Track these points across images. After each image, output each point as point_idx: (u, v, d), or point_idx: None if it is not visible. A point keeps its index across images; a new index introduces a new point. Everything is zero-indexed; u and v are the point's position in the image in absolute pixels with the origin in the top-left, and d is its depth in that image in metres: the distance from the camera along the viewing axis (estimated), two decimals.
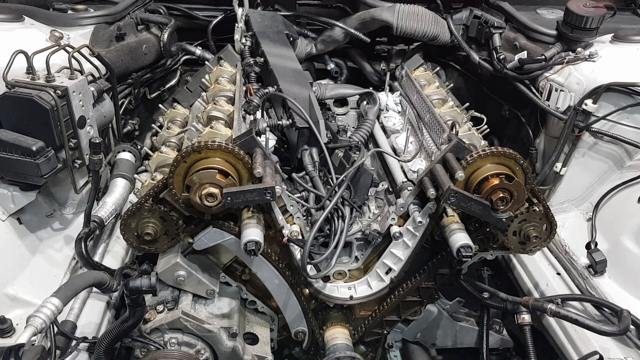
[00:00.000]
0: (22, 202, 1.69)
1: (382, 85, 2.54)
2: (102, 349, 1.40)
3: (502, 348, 1.92)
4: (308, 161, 1.84)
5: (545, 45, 2.15)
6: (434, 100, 2.05)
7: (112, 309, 1.64)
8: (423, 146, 1.93)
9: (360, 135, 2.01)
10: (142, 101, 2.40)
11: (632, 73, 1.92)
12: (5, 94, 1.57)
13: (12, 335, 1.33)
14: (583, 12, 1.99)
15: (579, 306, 1.73)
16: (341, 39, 2.48)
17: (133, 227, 1.57)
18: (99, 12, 2.12)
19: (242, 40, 2.29)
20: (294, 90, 2.00)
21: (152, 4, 2.42)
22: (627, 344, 1.60)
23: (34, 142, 1.56)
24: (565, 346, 1.66)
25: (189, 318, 1.57)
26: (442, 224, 1.57)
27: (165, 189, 1.52)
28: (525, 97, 2.18)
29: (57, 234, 1.79)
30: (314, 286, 1.71)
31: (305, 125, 1.85)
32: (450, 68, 2.70)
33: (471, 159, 1.51)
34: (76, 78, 1.66)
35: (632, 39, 2.05)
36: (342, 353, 1.67)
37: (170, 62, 2.53)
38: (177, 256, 1.62)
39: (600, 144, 2.03)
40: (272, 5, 2.57)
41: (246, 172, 1.48)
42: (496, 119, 2.37)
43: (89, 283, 1.44)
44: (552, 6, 2.48)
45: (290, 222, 1.63)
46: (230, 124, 1.74)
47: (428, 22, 2.34)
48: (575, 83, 2.00)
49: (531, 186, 1.56)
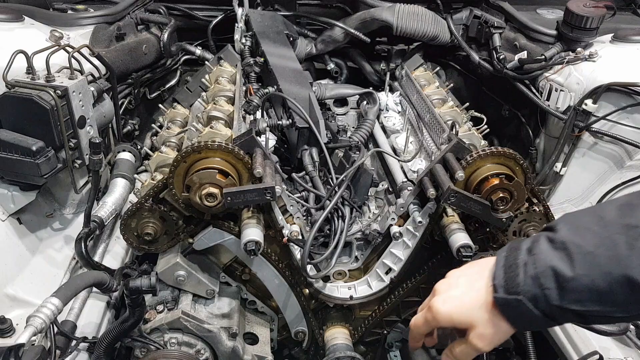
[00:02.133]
0: (22, 202, 1.69)
1: (382, 85, 2.54)
2: (102, 349, 1.40)
3: (502, 348, 1.91)
4: (308, 161, 1.84)
5: (545, 45, 2.14)
6: (434, 100, 2.05)
7: (112, 309, 1.64)
8: (423, 146, 1.93)
9: (360, 135, 2.01)
10: (142, 101, 2.40)
11: (632, 73, 1.92)
12: (5, 94, 1.57)
13: (12, 335, 1.33)
14: (583, 12, 1.99)
15: None
16: (341, 39, 2.48)
17: (133, 227, 1.57)
18: (99, 12, 2.12)
19: (242, 40, 2.28)
20: (294, 90, 2.00)
21: (152, 4, 2.42)
22: (627, 344, 1.60)
23: (34, 142, 1.56)
24: (565, 346, 1.66)
25: (189, 318, 1.57)
26: (442, 224, 1.57)
27: (165, 189, 1.52)
28: (525, 97, 2.18)
29: (57, 234, 1.79)
30: (314, 286, 1.71)
31: (305, 125, 1.85)
32: (450, 68, 2.70)
33: (471, 159, 1.51)
34: (76, 78, 1.66)
35: (632, 39, 2.04)
36: (342, 353, 1.67)
37: (170, 62, 2.52)
38: (177, 256, 1.62)
39: (600, 144, 2.03)
40: (272, 5, 2.57)
41: (246, 172, 1.48)
42: (496, 119, 2.37)
43: (89, 283, 1.44)
44: (552, 6, 2.48)
45: (290, 222, 1.63)
46: (230, 124, 1.74)
47: (428, 22, 2.34)
48: (575, 83, 2.00)
49: (531, 186, 1.56)
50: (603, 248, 0.82)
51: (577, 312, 0.86)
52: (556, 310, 0.87)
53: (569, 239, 0.85)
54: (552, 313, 0.87)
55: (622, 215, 0.84)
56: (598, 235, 0.83)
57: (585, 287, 0.83)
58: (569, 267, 0.83)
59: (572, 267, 0.83)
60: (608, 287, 0.81)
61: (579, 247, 0.84)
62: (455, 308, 0.97)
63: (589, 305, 0.85)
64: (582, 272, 0.82)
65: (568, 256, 0.84)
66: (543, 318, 0.88)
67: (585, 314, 0.86)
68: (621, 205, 0.86)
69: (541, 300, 0.86)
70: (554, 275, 0.84)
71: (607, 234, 0.83)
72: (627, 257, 0.80)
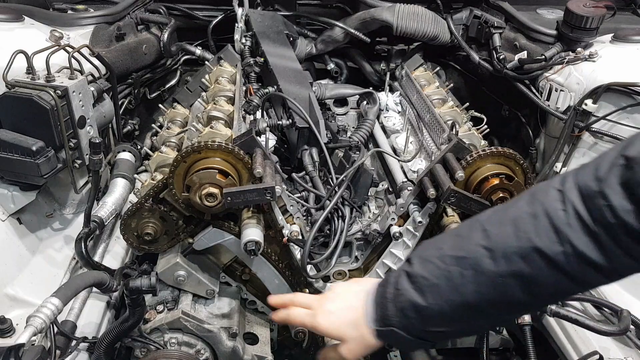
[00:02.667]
0: (22, 202, 1.68)
1: (382, 85, 2.54)
2: (102, 349, 1.40)
3: (502, 348, 1.92)
4: (308, 161, 1.84)
5: (545, 45, 2.14)
6: (434, 100, 2.05)
7: (112, 309, 1.64)
8: (423, 146, 1.93)
9: (360, 135, 2.01)
10: (142, 101, 2.39)
11: (632, 73, 1.91)
12: (5, 94, 1.57)
13: (12, 335, 1.33)
14: (583, 12, 1.99)
15: (579, 306, 1.73)
16: (341, 39, 2.48)
17: (133, 227, 1.57)
18: (99, 12, 2.12)
19: (242, 40, 2.28)
20: (294, 90, 2.00)
21: (152, 4, 2.42)
22: (627, 344, 1.60)
23: (34, 142, 1.56)
24: (565, 346, 1.66)
25: (189, 318, 1.57)
26: (442, 224, 1.57)
27: (165, 189, 1.52)
28: (525, 97, 2.18)
29: (57, 234, 1.79)
30: (314, 286, 1.71)
31: (305, 125, 1.85)
32: (450, 68, 2.70)
33: (471, 159, 1.51)
34: (76, 78, 1.66)
35: (632, 39, 2.04)
36: None
37: (170, 62, 2.53)
38: (177, 256, 1.62)
39: (600, 144, 2.03)
40: (272, 5, 2.57)
41: (246, 172, 1.48)
42: (496, 119, 2.37)
43: (89, 283, 1.44)
44: (552, 6, 2.48)
45: (290, 222, 1.63)
46: (230, 124, 1.74)
47: (428, 22, 2.34)
48: (575, 83, 2.00)
49: (531, 186, 1.56)
50: (443, 279, 0.97)
51: (440, 332, 1.03)
52: (423, 333, 1.03)
53: (419, 273, 1.00)
54: (422, 336, 1.03)
55: (454, 247, 0.98)
56: (438, 268, 0.98)
57: (437, 313, 0.98)
58: (422, 299, 0.99)
59: (425, 298, 0.98)
60: (452, 311, 0.98)
61: (426, 280, 0.99)
62: (331, 324, 1.11)
63: (445, 327, 1.02)
64: (432, 302, 0.98)
65: (420, 289, 0.99)
66: (416, 340, 1.04)
67: (446, 332, 1.04)
68: (455, 237, 1.02)
69: (410, 328, 1.02)
70: (413, 307, 1.00)
71: (444, 266, 0.97)
72: (461, 285, 0.95)
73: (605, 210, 0.84)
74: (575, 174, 0.91)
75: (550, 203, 0.90)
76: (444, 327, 1.02)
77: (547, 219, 0.89)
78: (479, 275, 0.94)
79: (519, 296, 0.93)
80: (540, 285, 0.91)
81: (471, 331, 1.21)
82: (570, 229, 0.87)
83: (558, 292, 0.95)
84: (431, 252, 1.02)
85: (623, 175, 0.84)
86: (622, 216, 0.83)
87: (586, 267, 0.88)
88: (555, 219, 0.88)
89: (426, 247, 1.06)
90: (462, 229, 1.04)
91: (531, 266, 0.90)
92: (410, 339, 1.03)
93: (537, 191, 0.95)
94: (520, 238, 0.90)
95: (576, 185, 0.89)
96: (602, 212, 0.84)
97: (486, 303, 0.96)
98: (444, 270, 0.97)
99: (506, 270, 0.92)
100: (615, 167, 0.85)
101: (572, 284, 0.91)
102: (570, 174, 0.92)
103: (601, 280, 0.91)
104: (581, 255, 0.87)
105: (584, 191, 0.87)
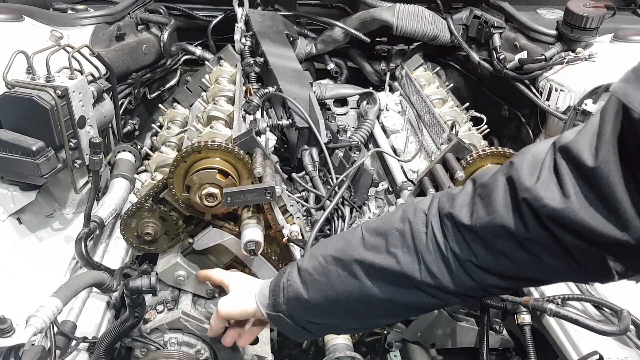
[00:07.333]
0: (22, 202, 1.68)
1: (382, 85, 2.54)
2: (102, 349, 1.40)
3: (502, 348, 1.91)
4: (308, 161, 1.84)
5: (545, 45, 2.14)
6: (434, 100, 2.05)
7: (112, 309, 1.64)
8: (423, 146, 1.93)
9: (360, 135, 2.01)
10: (142, 101, 2.39)
11: None
12: (5, 94, 1.56)
13: (12, 335, 1.33)
14: (583, 12, 1.99)
15: (579, 306, 1.72)
16: (341, 39, 2.48)
17: (133, 227, 1.57)
18: (99, 12, 2.12)
19: (242, 40, 2.29)
20: (294, 90, 2.00)
21: (152, 4, 2.42)
22: (627, 344, 1.60)
23: (34, 142, 1.56)
24: (565, 346, 1.66)
25: (189, 318, 1.57)
26: None
27: (165, 189, 1.52)
28: (525, 97, 2.18)
29: (57, 234, 1.79)
30: None
31: (305, 125, 1.85)
32: (450, 68, 2.70)
33: (471, 159, 1.51)
34: (76, 78, 1.66)
35: (632, 39, 2.04)
36: (342, 353, 1.66)
37: (170, 62, 2.53)
38: (177, 256, 1.62)
39: None
40: (272, 5, 2.57)
41: (246, 172, 1.48)
42: (496, 119, 2.37)
43: (89, 283, 1.44)
44: (552, 6, 2.48)
45: (290, 222, 1.63)
46: (230, 124, 1.74)
47: (428, 22, 2.34)
48: (575, 83, 2.00)
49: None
50: (323, 276, 1.07)
51: (319, 325, 1.14)
52: (306, 323, 1.13)
53: (306, 268, 1.11)
54: (305, 326, 1.14)
55: (336, 248, 1.07)
56: (320, 265, 1.08)
57: (316, 306, 1.09)
58: (305, 292, 1.09)
59: (307, 291, 1.09)
60: (328, 306, 1.08)
61: (310, 275, 1.09)
62: (232, 309, 1.29)
63: (322, 319, 1.12)
64: (313, 295, 1.08)
65: (305, 282, 1.10)
66: (301, 329, 1.15)
67: (325, 325, 1.15)
68: (340, 238, 1.11)
69: (294, 317, 1.13)
70: (298, 299, 1.10)
71: (325, 264, 1.07)
72: (336, 285, 1.05)
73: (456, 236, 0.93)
74: (439, 199, 0.98)
75: (416, 224, 0.98)
76: (321, 319, 1.13)
77: (412, 239, 0.97)
78: (350, 279, 1.03)
79: (381, 304, 1.03)
80: (401, 296, 1.01)
81: (347, 328, 1.36)
82: (427, 251, 0.95)
83: (418, 306, 1.05)
84: (319, 249, 1.12)
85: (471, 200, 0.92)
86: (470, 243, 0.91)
87: (437, 288, 0.97)
88: (417, 241, 0.97)
89: (319, 244, 1.17)
90: (348, 232, 1.14)
91: (392, 280, 0.99)
92: (296, 327, 1.15)
93: (408, 209, 1.02)
94: (388, 252, 0.99)
95: (437, 210, 0.97)
96: (453, 239, 0.93)
97: (355, 304, 1.05)
98: (324, 268, 1.07)
99: (371, 280, 1.01)
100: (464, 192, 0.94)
101: (429, 299, 1.00)
102: (436, 197, 0.99)
103: (453, 300, 1.00)
104: (434, 276, 0.95)
105: (442, 216, 0.95)
